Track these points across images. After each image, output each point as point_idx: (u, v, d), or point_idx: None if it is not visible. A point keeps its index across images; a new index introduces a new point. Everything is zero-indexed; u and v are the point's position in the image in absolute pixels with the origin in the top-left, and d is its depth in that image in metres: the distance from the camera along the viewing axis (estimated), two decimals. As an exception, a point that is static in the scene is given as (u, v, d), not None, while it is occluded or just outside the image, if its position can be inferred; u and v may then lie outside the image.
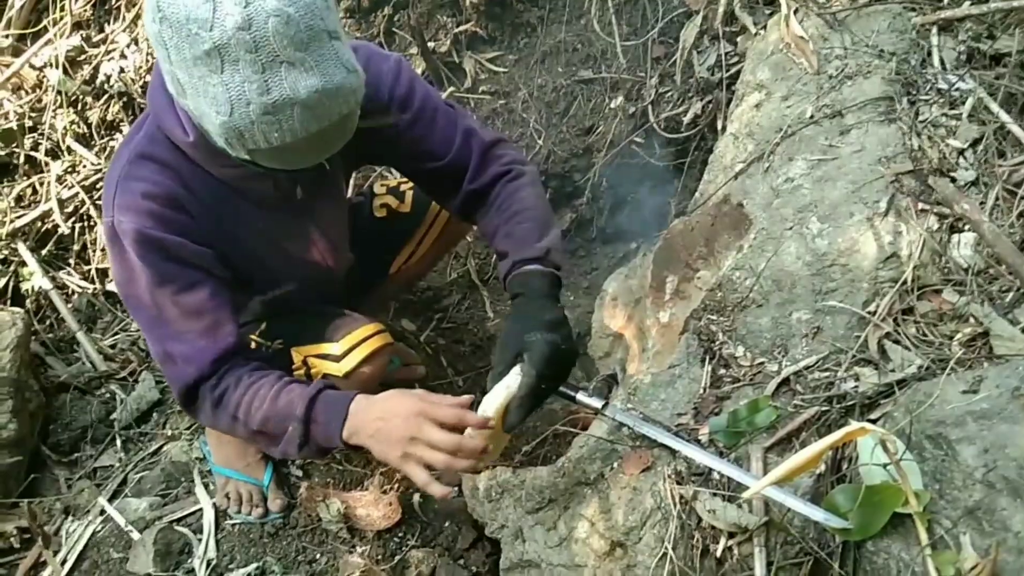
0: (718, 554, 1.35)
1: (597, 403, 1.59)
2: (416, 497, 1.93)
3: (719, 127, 2.39)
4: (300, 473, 2.03)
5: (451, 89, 2.73)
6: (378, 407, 1.40)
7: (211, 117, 1.21)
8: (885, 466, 1.18)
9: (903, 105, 1.77)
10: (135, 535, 1.86)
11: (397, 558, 1.81)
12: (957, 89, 1.77)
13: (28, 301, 2.58)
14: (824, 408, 1.40)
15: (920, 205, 1.60)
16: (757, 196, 1.81)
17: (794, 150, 1.82)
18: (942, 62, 1.84)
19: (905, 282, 1.52)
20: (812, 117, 1.85)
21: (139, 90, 2.70)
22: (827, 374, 1.47)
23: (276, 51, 1.14)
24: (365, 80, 1.32)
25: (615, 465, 1.52)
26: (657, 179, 2.72)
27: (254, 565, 1.79)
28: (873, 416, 1.37)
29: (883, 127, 1.75)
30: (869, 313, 1.50)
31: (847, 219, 1.63)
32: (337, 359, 1.72)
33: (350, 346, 1.72)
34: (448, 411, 1.36)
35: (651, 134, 2.60)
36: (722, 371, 1.58)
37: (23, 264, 2.60)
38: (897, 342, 1.46)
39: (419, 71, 2.71)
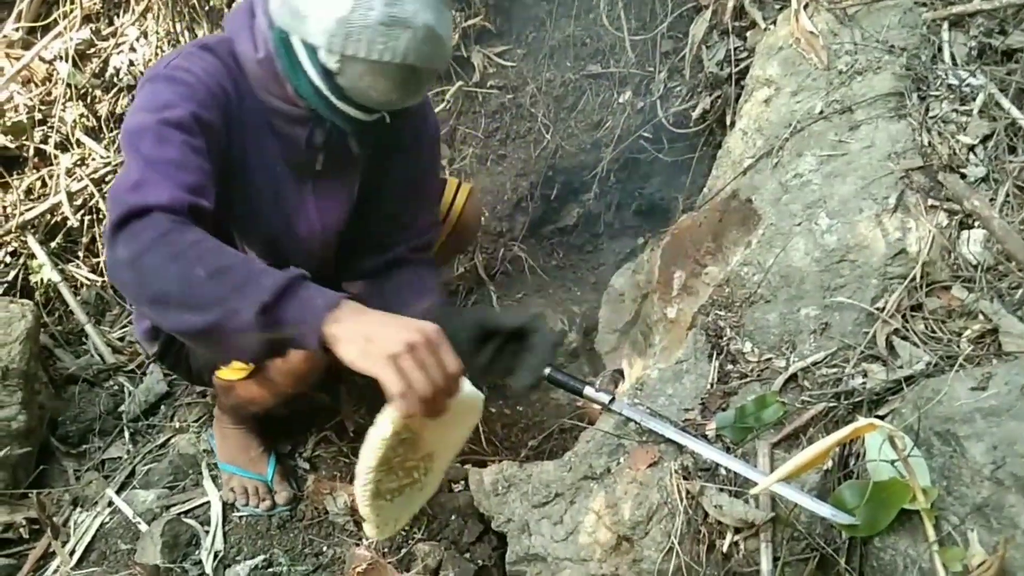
0: (724, 549, 1.35)
1: (604, 398, 1.59)
2: (423, 491, 1.93)
3: (728, 122, 2.38)
4: (307, 466, 2.03)
5: (459, 84, 2.72)
6: (384, 314, 1.16)
7: (328, 12, 1.27)
8: (893, 462, 1.18)
9: (913, 101, 1.77)
10: (143, 527, 1.87)
11: (403, 551, 1.81)
12: (968, 85, 1.76)
13: (37, 294, 2.58)
14: (832, 404, 1.40)
15: (930, 201, 1.60)
16: (766, 192, 1.80)
17: (803, 146, 1.81)
18: (953, 58, 1.84)
19: (914, 278, 1.51)
20: (822, 113, 1.84)
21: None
22: (835, 370, 1.46)
23: None
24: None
25: (622, 460, 1.52)
26: (665, 174, 2.71)
27: (261, 557, 1.79)
28: (881, 412, 1.37)
29: (893, 123, 1.74)
30: (877, 309, 1.50)
31: (856, 215, 1.62)
32: None
33: None
34: (455, 358, 1.15)
35: (659, 129, 2.59)
36: (729, 367, 1.58)
37: (32, 256, 2.61)
38: (905, 338, 1.46)
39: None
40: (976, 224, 1.56)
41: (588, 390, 1.62)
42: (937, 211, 1.59)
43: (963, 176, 1.63)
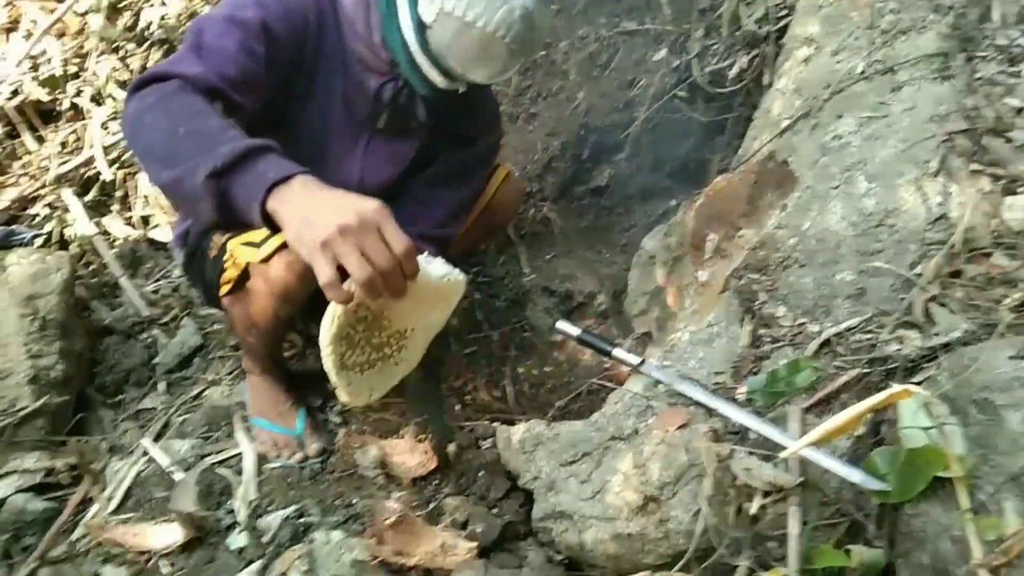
0: (752, 512, 1.36)
1: (634, 359, 1.59)
2: (451, 447, 1.95)
3: (765, 82, 2.33)
4: (338, 420, 2.06)
5: (491, 40, 2.69)
6: (331, 191, 1.10)
7: None
8: (927, 429, 1.17)
9: (959, 62, 1.71)
10: (178, 475, 1.91)
11: (432, 505, 1.84)
12: (1017, 45, 1.71)
13: (73, 246, 2.62)
14: (865, 370, 1.39)
15: (973, 166, 1.56)
16: (803, 153, 1.77)
17: (843, 107, 1.77)
18: (1003, 17, 1.77)
19: (954, 244, 1.49)
20: (863, 73, 1.80)
21: (180, 36, 2.70)
22: (870, 336, 1.45)
23: None
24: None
25: (650, 421, 1.53)
26: (700, 135, 2.67)
27: (293, 507, 1.83)
28: (916, 380, 1.35)
29: (937, 84, 1.70)
30: (915, 275, 1.48)
31: (896, 178, 1.59)
32: (257, 244, 1.53)
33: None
34: (399, 233, 1.08)
35: (695, 88, 2.55)
36: (762, 331, 1.57)
37: (67, 210, 2.64)
38: (943, 305, 1.44)
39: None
40: (1021, 190, 1.52)
41: (617, 351, 1.62)
42: (980, 176, 1.55)
43: (1008, 140, 1.58)
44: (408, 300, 1.14)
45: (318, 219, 1.03)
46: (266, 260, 1.53)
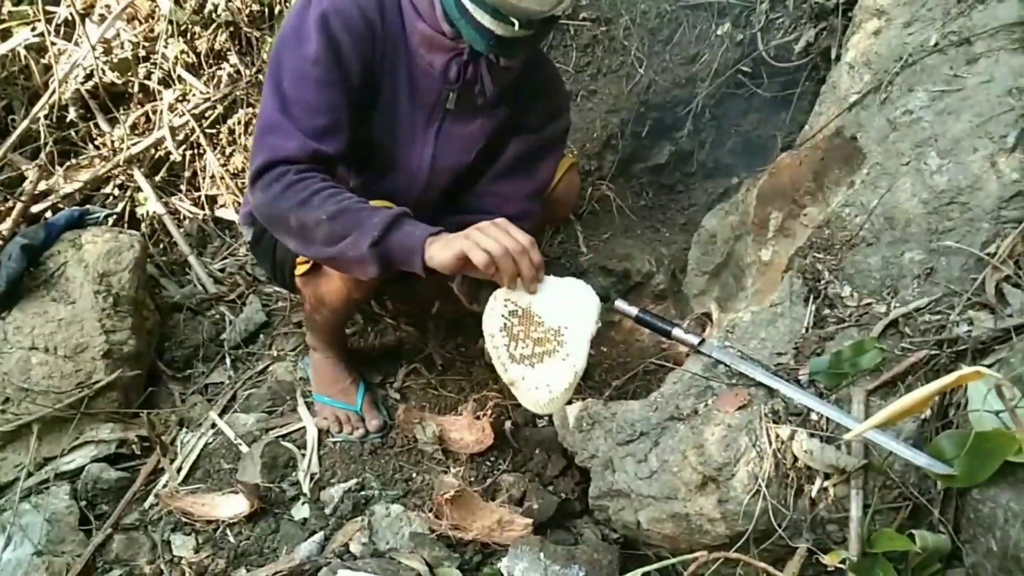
0: (813, 494, 1.34)
1: (693, 339, 1.57)
2: (508, 424, 1.97)
3: (833, 56, 2.27)
4: (398, 396, 2.10)
5: (551, 17, 2.67)
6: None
7: None
8: (998, 413, 1.13)
9: (1041, 31, 1.64)
10: (244, 448, 1.97)
11: (489, 481, 1.86)
12: (1104, 13, 1.62)
13: (143, 225, 2.71)
14: (934, 352, 1.35)
15: (1053, 140, 1.50)
16: (872, 129, 1.72)
17: (915, 80, 1.71)
18: (1089, -17, 1.69)
19: (1030, 222, 1.43)
20: (936, 45, 1.73)
21: (245, 19, 2.75)
22: (939, 317, 1.41)
23: None
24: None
25: (709, 402, 1.51)
26: (764, 111, 2.61)
27: (354, 480, 1.87)
28: (987, 362, 1.31)
29: (1016, 56, 1.62)
30: (988, 254, 1.42)
31: (969, 154, 1.53)
32: None
33: None
34: (524, 233, 1.40)
35: (759, 63, 2.48)
36: (826, 311, 1.53)
37: (138, 189, 2.72)
38: (1017, 285, 1.39)
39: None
40: (1104, 165, 1.45)
41: (677, 331, 1.60)
42: (1061, 151, 1.48)
43: (1092, 113, 1.51)
44: (548, 299, 1.46)
45: (457, 234, 1.38)
46: None
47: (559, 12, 1.44)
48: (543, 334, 1.45)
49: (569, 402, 1.61)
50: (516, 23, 1.43)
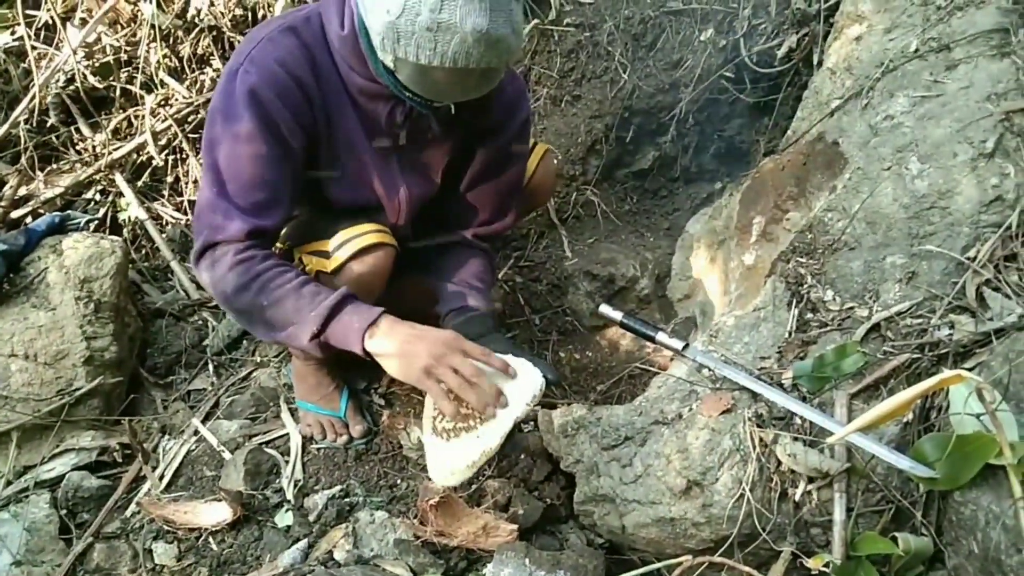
0: (797, 498, 1.34)
1: (678, 344, 1.58)
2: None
3: (815, 61, 2.28)
4: (382, 402, 2.08)
5: (535, 22, 2.67)
6: (410, 327, 1.45)
7: (381, 13, 1.30)
8: (979, 416, 1.14)
9: (1019, 38, 1.65)
10: (226, 455, 1.96)
11: (474, 487, 1.85)
12: (1081, 20, 1.64)
13: (125, 231, 2.69)
14: (915, 356, 1.36)
15: (1032, 145, 1.51)
16: (854, 134, 1.73)
17: (895, 86, 1.73)
18: (1065, -10, 1.71)
19: (1009, 227, 1.44)
20: (917, 51, 1.75)
21: (228, 24, 2.73)
22: (920, 321, 1.42)
23: None
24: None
25: (693, 406, 1.52)
26: (747, 116, 2.63)
27: (338, 487, 1.86)
28: (968, 365, 1.32)
29: (995, 62, 1.64)
30: (968, 259, 1.44)
31: (950, 159, 1.55)
32: (328, 255, 1.68)
33: (341, 240, 1.67)
34: (477, 347, 1.45)
35: (742, 68, 2.50)
36: (809, 315, 1.54)
37: (120, 195, 2.70)
38: (997, 289, 1.40)
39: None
40: (1082, 170, 1.47)
41: (661, 336, 1.61)
42: (1039, 156, 1.50)
43: (1070, 119, 1.53)
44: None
45: (414, 355, 1.41)
46: (336, 271, 1.66)
47: (485, 91, 1.44)
48: (470, 410, 1.46)
49: (476, 475, 1.66)
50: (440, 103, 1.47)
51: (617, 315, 1.69)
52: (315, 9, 1.55)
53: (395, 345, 1.41)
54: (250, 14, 2.75)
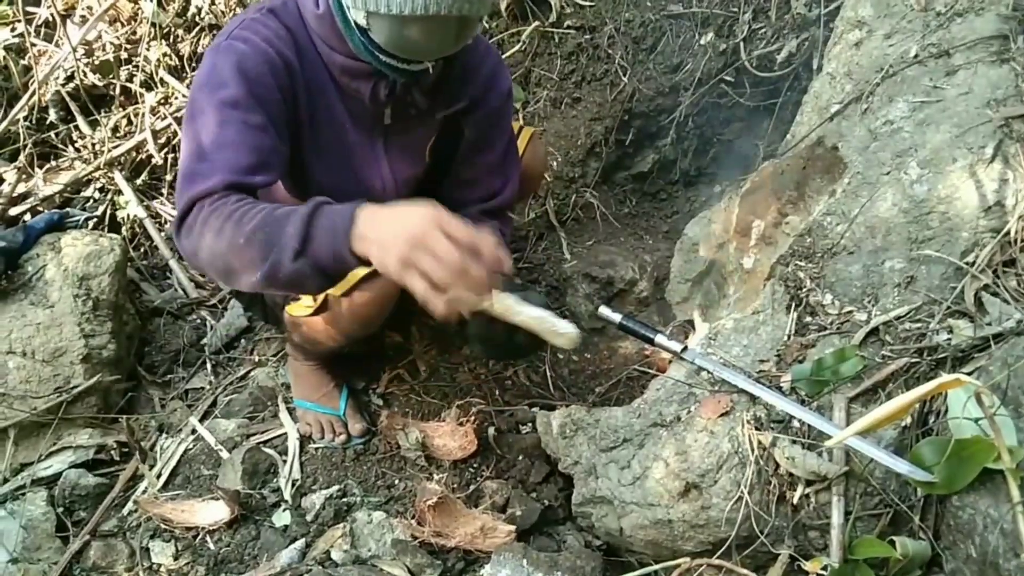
0: (794, 501, 1.35)
1: (676, 346, 1.58)
2: (491, 431, 1.96)
3: (815, 66, 2.29)
4: (380, 402, 2.08)
5: (535, 24, 2.68)
6: (389, 210, 1.18)
7: None
8: (977, 420, 1.15)
9: (1019, 44, 1.66)
10: (224, 454, 1.95)
11: (472, 487, 1.85)
12: (1080, 27, 1.65)
13: (124, 228, 2.68)
14: (914, 360, 1.37)
15: (1031, 151, 1.52)
16: (853, 139, 1.74)
17: (895, 91, 1.73)
18: (1065, -3, 1.72)
19: (1008, 232, 1.45)
20: (916, 56, 1.76)
21: (227, 23, 2.73)
22: (919, 325, 1.42)
23: None
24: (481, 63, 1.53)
25: (692, 408, 1.52)
26: (746, 120, 2.63)
27: (336, 487, 1.86)
28: (966, 370, 1.32)
29: (994, 68, 1.65)
30: (967, 264, 1.44)
31: (949, 165, 1.55)
32: None
33: None
34: (464, 227, 1.14)
35: (742, 72, 2.51)
36: (808, 319, 1.55)
37: (119, 192, 2.70)
38: (996, 294, 1.40)
39: (503, 5, 2.67)
40: (1080, 176, 1.48)
41: (660, 338, 1.61)
42: (1038, 162, 1.51)
43: (1069, 125, 1.54)
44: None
45: (389, 242, 1.12)
46: (347, 294, 1.62)
47: (460, 46, 1.41)
48: None
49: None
50: (417, 63, 1.43)
51: (616, 317, 1.69)
52: None
53: (373, 235, 1.15)
54: (251, 13, 2.75)
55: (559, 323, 1.33)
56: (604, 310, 1.76)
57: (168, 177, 2.80)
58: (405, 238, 1.10)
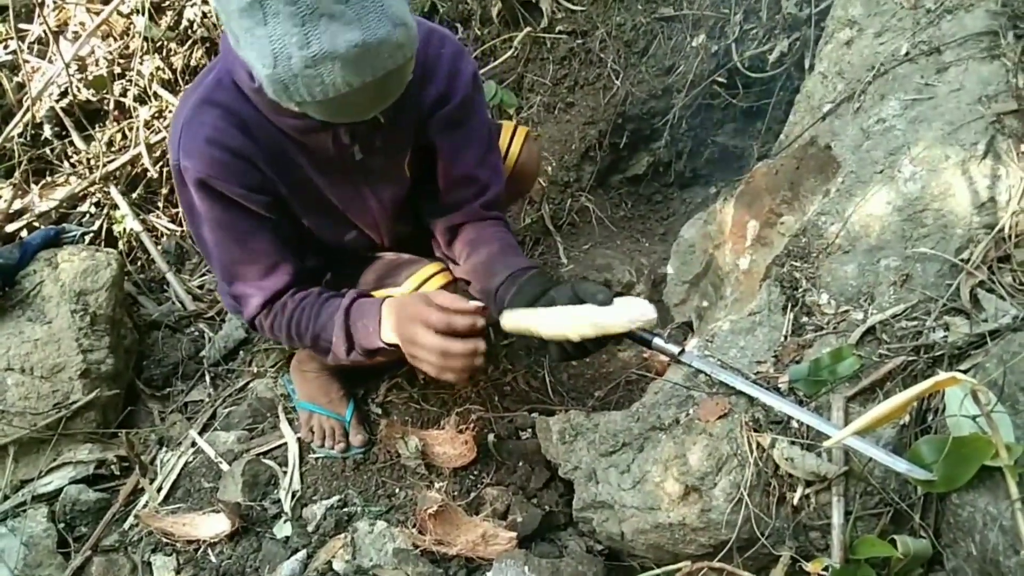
0: (795, 502, 1.34)
1: (674, 349, 1.58)
2: (491, 437, 1.96)
3: (806, 66, 2.30)
4: (379, 411, 2.08)
5: (527, 30, 2.68)
6: (400, 310, 1.45)
7: (258, 69, 1.20)
8: (975, 418, 1.14)
9: (1008, 40, 1.66)
10: (224, 466, 1.95)
11: (472, 495, 1.85)
12: (1069, 22, 1.65)
13: (121, 243, 2.69)
14: (911, 358, 1.36)
15: (1022, 148, 1.52)
16: (846, 138, 1.74)
17: (887, 89, 1.74)
18: (1054, -7, 1.72)
19: (1002, 229, 1.45)
20: (907, 54, 1.76)
21: (220, 35, 2.74)
22: (915, 323, 1.42)
23: (315, 3, 1.12)
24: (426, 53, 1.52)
25: (691, 411, 1.52)
26: (739, 121, 2.64)
27: (336, 497, 1.85)
28: (963, 367, 1.32)
29: (985, 64, 1.65)
30: (962, 261, 1.44)
31: (942, 162, 1.55)
32: None
33: (416, 285, 1.72)
34: (437, 316, 1.36)
35: (734, 74, 2.51)
36: (804, 319, 1.54)
37: (115, 207, 2.70)
38: (991, 291, 1.40)
39: (495, 11, 2.67)
40: (1073, 171, 1.48)
41: (657, 341, 1.61)
42: (1030, 158, 1.51)
43: (1060, 120, 1.54)
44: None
45: (403, 340, 1.42)
46: None
47: (403, 88, 1.34)
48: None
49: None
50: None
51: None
52: (219, 69, 1.48)
53: (397, 331, 1.43)
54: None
55: (593, 316, 1.38)
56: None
57: (163, 191, 2.81)
58: (403, 339, 1.41)
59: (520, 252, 1.74)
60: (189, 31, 2.77)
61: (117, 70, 2.76)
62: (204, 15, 2.76)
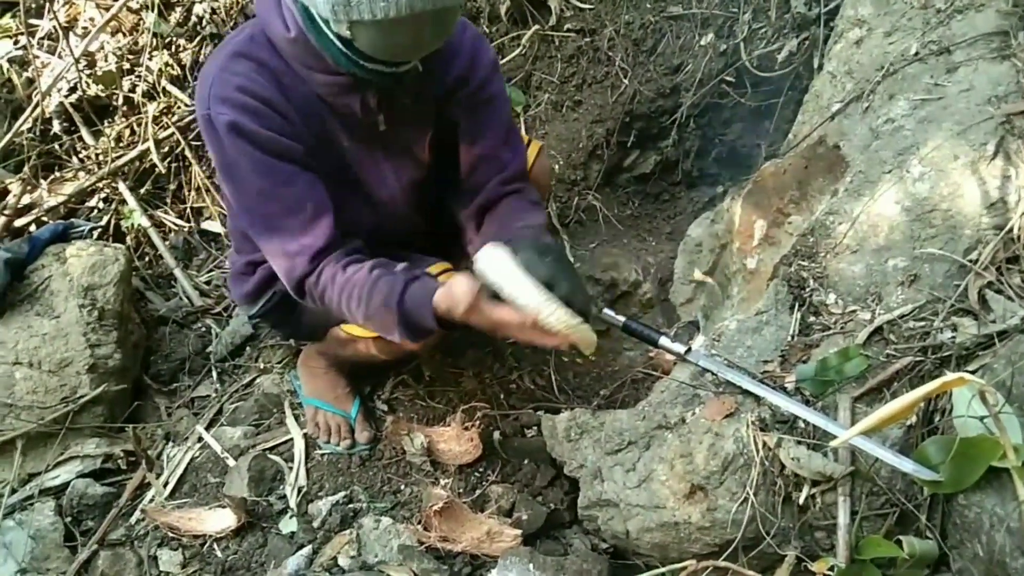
0: (800, 501, 1.34)
1: (680, 348, 1.58)
2: (496, 435, 1.96)
3: (815, 65, 2.29)
4: (386, 408, 2.09)
5: (535, 28, 2.68)
6: (449, 291, 1.42)
7: None
8: (983, 419, 1.14)
9: (1019, 40, 1.66)
10: (231, 461, 1.96)
11: (478, 492, 1.85)
12: (1081, 22, 1.65)
13: (128, 238, 2.69)
14: (918, 358, 1.36)
15: (1033, 148, 1.52)
16: (855, 137, 1.74)
17: (896, 89, 1.73)
18: (1065, -7, 1.71)
19: (1011, 230, 1.45)
20: (917, 54, 1.75)
21: (230, 31, 2.74)
22: (923, 324, 1.42)
23: None
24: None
25: (697, 410, 1.52)
26: (748, 120, 2.63)
27: (342, 493, 1.86)
28: (971, 368, 1.32)
29: (995, 64, 1.65)
30: (970, 261, 1.44)
31: (951, 162, 1.55)
32: None
33: None
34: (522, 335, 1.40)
35: (743, 73, 2.50)
36: (812, 319, 1.54)
37: (123, 202, 2.71)
38: (1000, 292, 1.40)
39: (503, 9, 2.67)
40: (1083, 172, 1.47)
41: (663, 340, 1.61)
42: (1040, 158, 1.50)
43: (1071, 121, 1.53)
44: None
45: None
46: None
47: (445, 39, 1.41)
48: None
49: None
50: (405, 64, 1.42)
51: (619, 319, 1.68)
52: (254, 26, 1.51)
53: (465, 316, 1.40)
54: (252, 22, 2.76)
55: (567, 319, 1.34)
56: (607, 312, 1.75)
57: (171, 186, 2.81)
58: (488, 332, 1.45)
59: (529, 214, 1.73)
60: (198, 27, 2.77)
61: (126, 66, 2.76)
62: (213, 11, 2.76)
